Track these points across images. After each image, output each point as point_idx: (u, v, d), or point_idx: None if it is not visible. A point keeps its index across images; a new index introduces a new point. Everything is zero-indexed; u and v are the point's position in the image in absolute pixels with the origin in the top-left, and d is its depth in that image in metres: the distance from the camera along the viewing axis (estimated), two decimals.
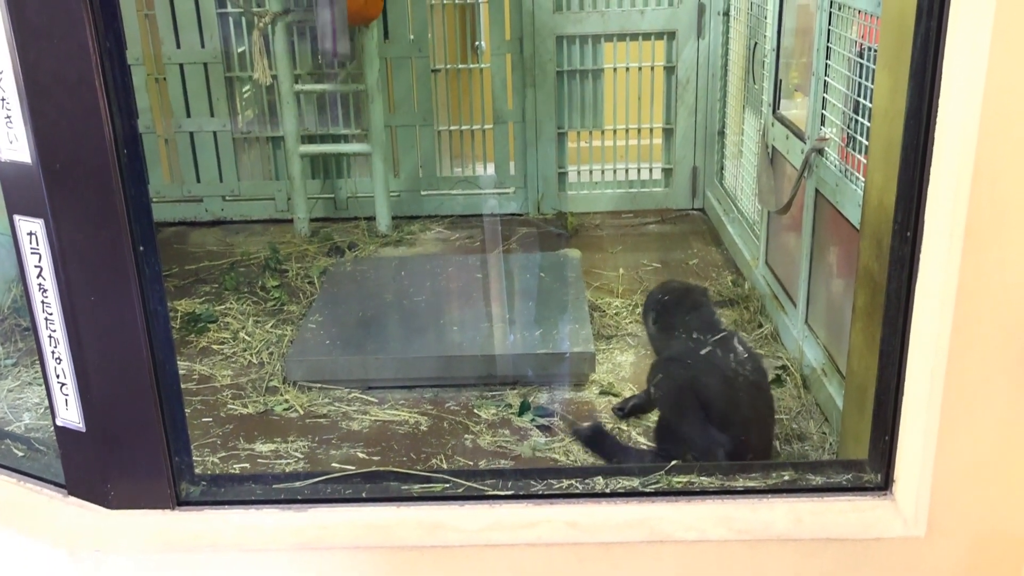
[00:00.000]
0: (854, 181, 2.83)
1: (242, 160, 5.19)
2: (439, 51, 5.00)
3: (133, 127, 1.67)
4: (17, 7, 1.55)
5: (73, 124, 1.61)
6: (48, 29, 1.56)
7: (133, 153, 1.67)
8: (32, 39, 1.57)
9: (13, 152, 1.67)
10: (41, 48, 1.57)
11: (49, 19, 1.55)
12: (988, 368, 1.62)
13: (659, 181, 5.24)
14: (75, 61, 1.57)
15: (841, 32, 2.97)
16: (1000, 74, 1.46)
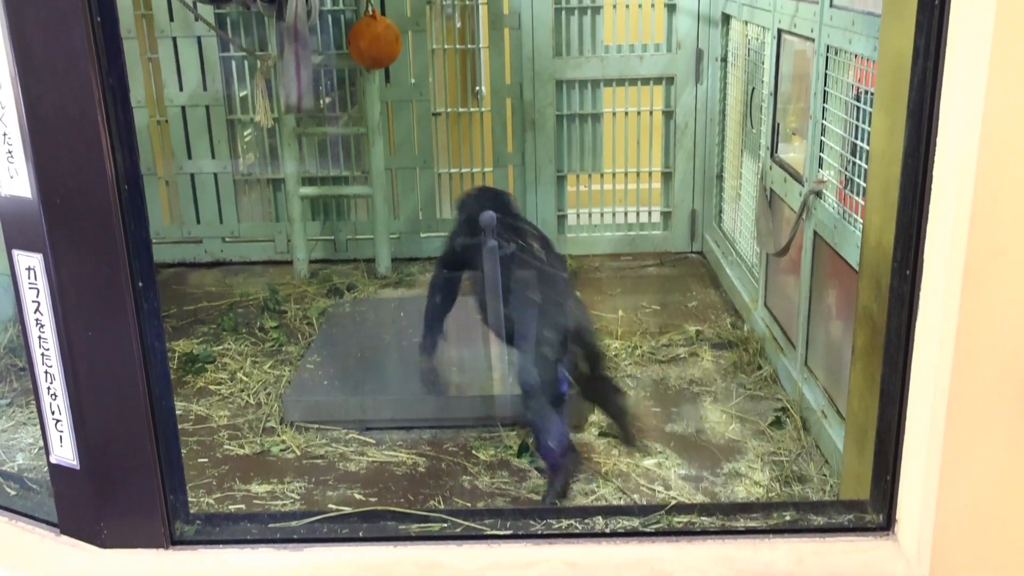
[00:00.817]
0: (852, 223, 2.84)
1: (242, 202, 5.21)
2: (440, 95, 5.05)
3: (134, 163, 1.68)
4: (21, 42, 1.56)
5: (75, 159, 1.62)
6: (51, 64, 1.57)
7: (134, 188, 1.67)
8: (35, 74, 1.58)
9: (14, 187, 1.67)
10: (44, 83, 1.58)
11: (52, 54, 1.56)
12: (989, 407, 1.61)
13: (658, 224, 5.26)
14: (78, 96, 1.58)
15: (838, 76, 3.00)
16: (996, 114, 1.47)
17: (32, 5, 1.55)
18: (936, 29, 1.56)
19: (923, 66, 1.60)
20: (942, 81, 1.57)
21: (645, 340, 4.04)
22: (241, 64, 4.97)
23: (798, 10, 3.36)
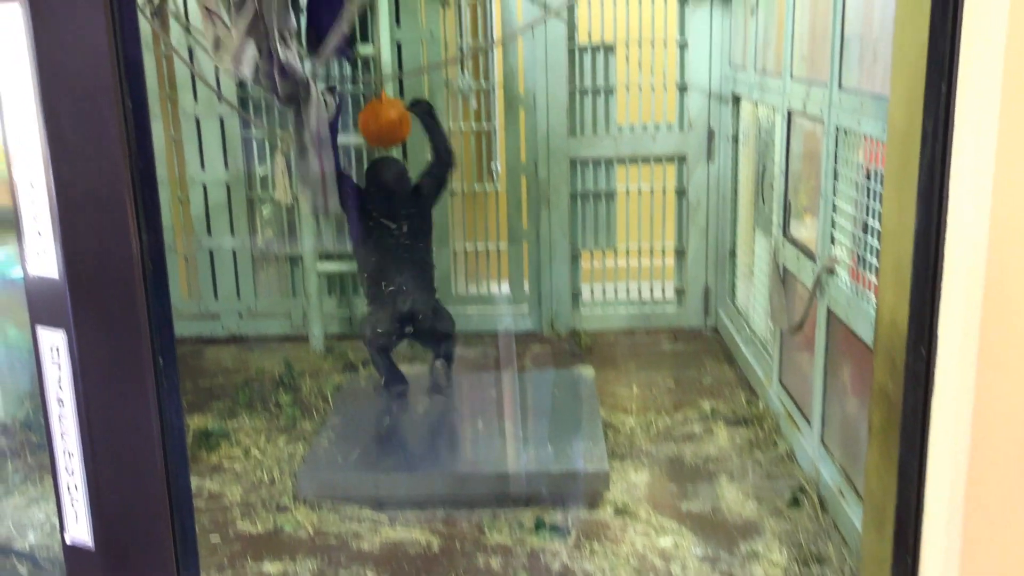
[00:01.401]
0: (866, 300, 2.85)
1: (260, 277, 5.27)
2: (456, 173, 5.13)
3: (159, 242, 1.71)
4: (54, 125, 1.61)
5: (102, 239, 1.66)
6: (83, 147, 1.62)
7: (158, 267, 1.71)
8: (67, 157, 1.63)
9: (40, 266, 1.70)
10: (75, 166, 1.63)
11: (84, 138, 1.61)
12: (1009, 486, 1.60)
13: (672, 300, 5.28)
14: (107, 179, 1.62)
15: (848, 156, 3.04)
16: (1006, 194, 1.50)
17: (66, 90, 1.60)
18: (944, 112, 1.59)
19: (932, 148, 1.63)
20: (951, 163, 1.60)
21: (660, 417, 4.03)
22: (262, 143, 5.08)
23: (808, 92, 3.43)
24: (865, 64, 2.95)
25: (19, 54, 1.57)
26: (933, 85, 1.60)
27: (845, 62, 3.07)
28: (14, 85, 1.60)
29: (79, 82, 1.59)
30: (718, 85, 4.91)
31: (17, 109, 1.61)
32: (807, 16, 3.54)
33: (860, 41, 2.99)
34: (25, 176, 1.64)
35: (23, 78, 1.59)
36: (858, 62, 3.00)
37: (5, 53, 1.57)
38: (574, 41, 4.93)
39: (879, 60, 2.79)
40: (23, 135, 1.62)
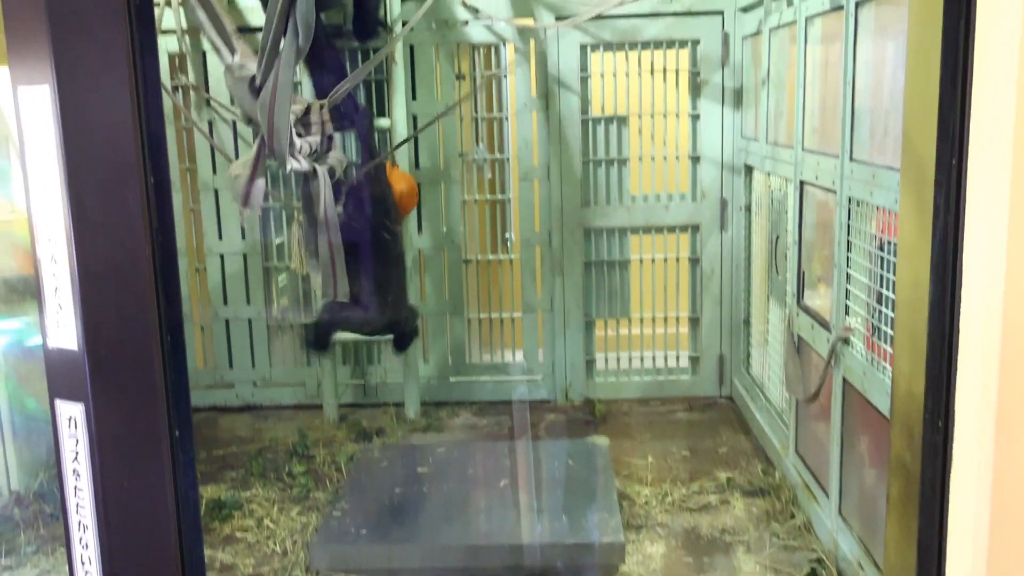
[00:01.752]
0: (881, 370, 2.84)
1: (275, 346, 5.28)
2: (471, 242, 5.18)
3: (177, 314, 1.73)
4: (78, 200, 1.65)
5: (121, 312, 1.68)
6: (105, 222, 1.65)
7: (175, 340, 1.73)
8: (89, 231, 1.66)
9: (60, 338, 1.72)
10: (97, 240, 1.65)
11: (107, 213, 1.65)
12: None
13: (686, 369, 5.26)
14: (129, 252, 1.65)
15: (860, 227, 3.06)
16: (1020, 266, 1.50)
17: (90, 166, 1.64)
18: (955, 186, 1.61)
19: (944, 221, 1.64)
20: (964, 236, 1.61)
21: (675, 487, 3.98)
22: (279, 213, 5.15)
23: (819, 163, 3.46)
24: (876, 137, 2.98)
25: (47, 133, 1.61)
26: (943, 160, 1.62)
27: (856, 135, 3.11)
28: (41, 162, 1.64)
29: (103, 159, 1.63)
30: (730, 156, 4.96)
31: (43, 185, 1.65)
32: (817, 89, 3.59)
33: (870, 114, 3.03)
34: (48, 250, 1.67)
35: (49, 155, 1.63)
36: (869, 135, 3.03)
37: (33, 132, 1.62)
38: (587, 113, 5.01)
39: (889, 133, 2.83)
40: (47, 210, 1.66)
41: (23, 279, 3.70)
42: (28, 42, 1.60)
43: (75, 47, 1.57)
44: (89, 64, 1.58)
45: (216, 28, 2.93)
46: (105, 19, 1.57)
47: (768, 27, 4.23)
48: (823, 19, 3.51)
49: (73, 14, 1.56)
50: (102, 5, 1.56)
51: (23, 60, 1.60)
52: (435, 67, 4.93)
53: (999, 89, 1.51)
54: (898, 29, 2.77)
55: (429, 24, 4.86)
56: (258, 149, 3.06)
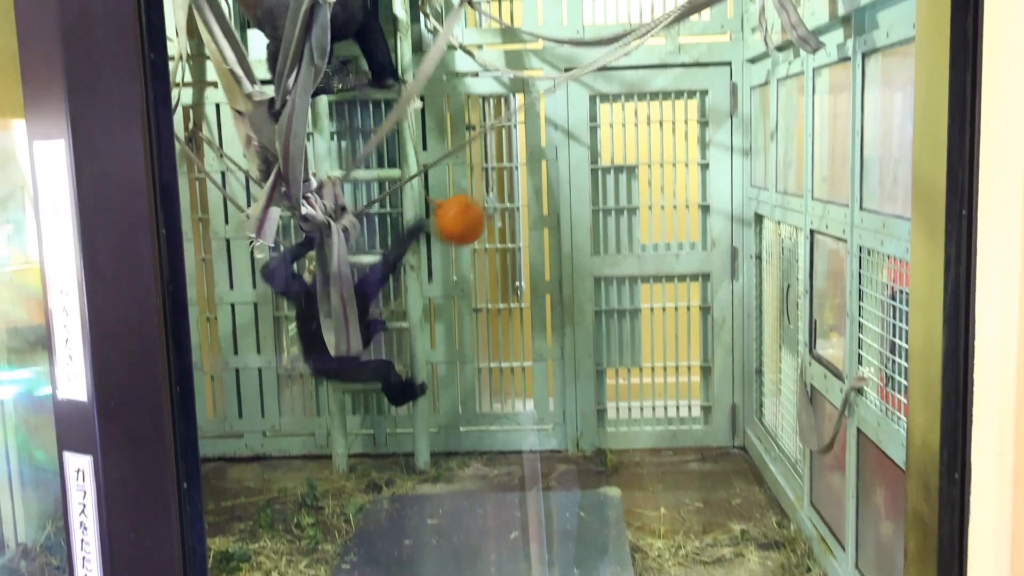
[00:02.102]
0: (896, 421, 2.81)
1: (284, 396, 5.27)
2: (481, 291, 5.18)
3: (187, 365, 1.73)
4: (90, 253, 1.66)
5: (131, 363, 1.68)
6: (117, 274, 1.66)
7: (185, 391, 1.72)
8: (101, 284, 1.66)
9: (70, 390, 1.72)
10: (109, 292, 1.66)
11: (119, 265, 1.65)
12: None
13: (698, 418, 5.22)
14: (139, 304, 1.66)
15: (872, 276, 3.05)
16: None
17: (103, 219, 1.65)
18: (966, 237, 1.60)
19: (955, 272, 1.63)
20: (975, 286, 1.60)
21: (688, 539, 3.93)
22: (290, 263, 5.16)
23: (829, 212, 3.47)
24: (886, 186, 2.99)
25: (61, 185, 1.62)
26: (953, 210, 1.62)
27: (865, 184, 3.12)
28: (54, 214, 1.65)
29: (116, 211, 1.65)
30: (740, 204, 4.97)
31: (56, 237, 1.66)
32: (826, 138, 3.61)
33: (880, 163, 3.04)
34: (60, 302, 1.67)
35: (63, 207, 1.64)
36: (878, 184, 3.04)
37: (48, 185, 1.63)
38: (597, 163, 5.04)
39: (899, 183, 2.83)
40: (60, 262, 1.67)
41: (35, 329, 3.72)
42: (45, 97, 1.62)
43: (90, 102, 1.59)
44: (104, 118, 1.60)
45: (238, 58, 2.98)
46: (120, 74, 1.59)
47: (776, 78, 4.26)
48: (830, 70, 3.54)
49: (89, 70, 1.59)
50: (118, 61, 1.59)
51: (40, 115, 1.63)
52: (445, 118, 4.97)
53: (1007, 140, 1.52)
54: (905, 79, 2.78)
55: (439, 76, 4.91)
56: (273, 180, 3.09)
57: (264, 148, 3.12)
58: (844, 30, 3.29)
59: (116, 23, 1.58)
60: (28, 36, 1.62)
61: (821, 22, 3.46)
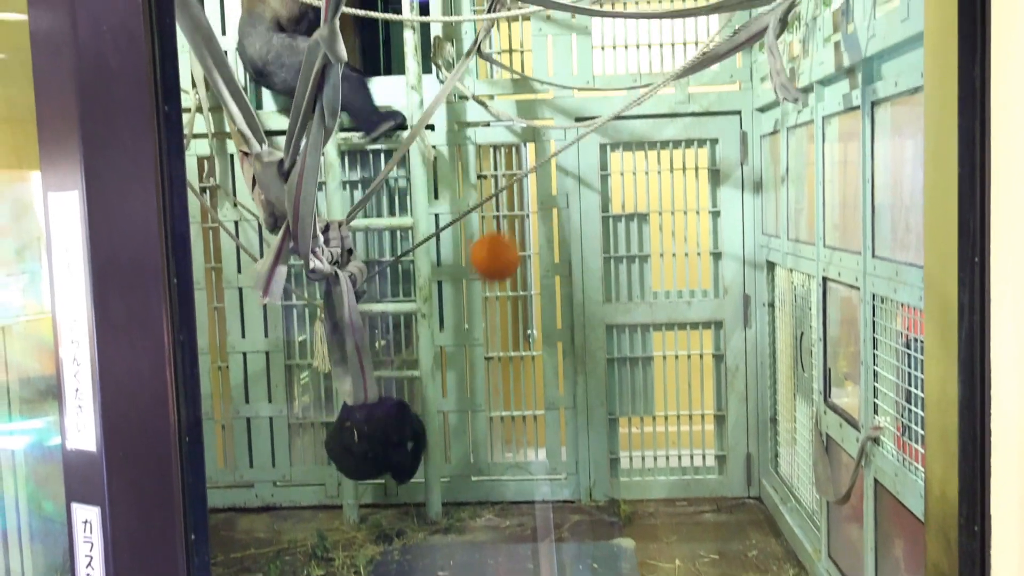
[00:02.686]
0: (913, 471, 2.77)
1: (295, 445, 5.25)
2: (492, 339, 5.17)
3: (197, 416, 1.73)
4: (102, 304, 1.66)
5: (141, 413, 1.67)
6: (128, 324, 1.66)
7: (194, 441, 1.71)
8: (112, 332, 1.67)
9: (79, 440, 1.72)
10: (120, 341, 1.66)
11: (130, 315, 1.66)
12: None
13: (712, 468, 5.16)
14: (149, 355, 1.66)
15: (886, 324, 3.03)
16: None
17: (115, 269, 1.66)
18: (980, 284, 1.59)
19: (969, 320, 1.62)
20: (990, 334, 1.58)
21: None
22: (302, 311, 5.18)
23: (841, 259, 3.46)
24: (898, 233, 2.98)
25: (74, 236, 1.63)
26: (965, 257, 1.61)
27: (877, 231, 3.11)
28: (67, 264, 1.66)
29: (128, 261, 1.65)
30: (752, 252, 4.97)
31: (68, 287, 1.67)
32: (837, 186, 3.61)
33: (891, 210, 3.04)
34: (70, 352, 1.68)
35: (76, 258, 1.65)
36: (890, 231, 3.03)
37: (61, 236, 1.64)
38: (608, 210, 5.05)
39: (912, 230, 2.82)
40: (72, 312, 1.67)
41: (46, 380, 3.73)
42: (60, 149, 1.64)
43: (105, 154, 1.61)
44: (118, 170, 1.62)
45: (246, 118, 3.02)
46: (135, 127, 1.61)
47: (785, 126, 4.28)
48: (840, 119, 3.55)
49: (104, 122, 1.60)
50: (132, 114, 1.61)
51: (55, 167, 1.64)
52: (456, 167, 5.01)
53: (1017, 187, 1.51)
54: (915, 128, 2.79)
55: (451, 126, 4.96)
56: (282, 237, 3.11)
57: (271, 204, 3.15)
58: (851, 80, 3.31)
59: (131, 77, 1.60)
60: (45, 89, 1.65)
61: (828, 72, 3.48)
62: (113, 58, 1.58)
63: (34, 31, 1.62)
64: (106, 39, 1.57)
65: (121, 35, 1.57)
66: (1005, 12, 1.56)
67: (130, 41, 1.57)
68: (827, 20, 3.52)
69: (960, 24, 1.63)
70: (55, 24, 1.59)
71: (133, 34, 1.57)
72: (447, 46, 4.82)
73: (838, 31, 3.37)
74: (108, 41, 1.57)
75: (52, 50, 1.61)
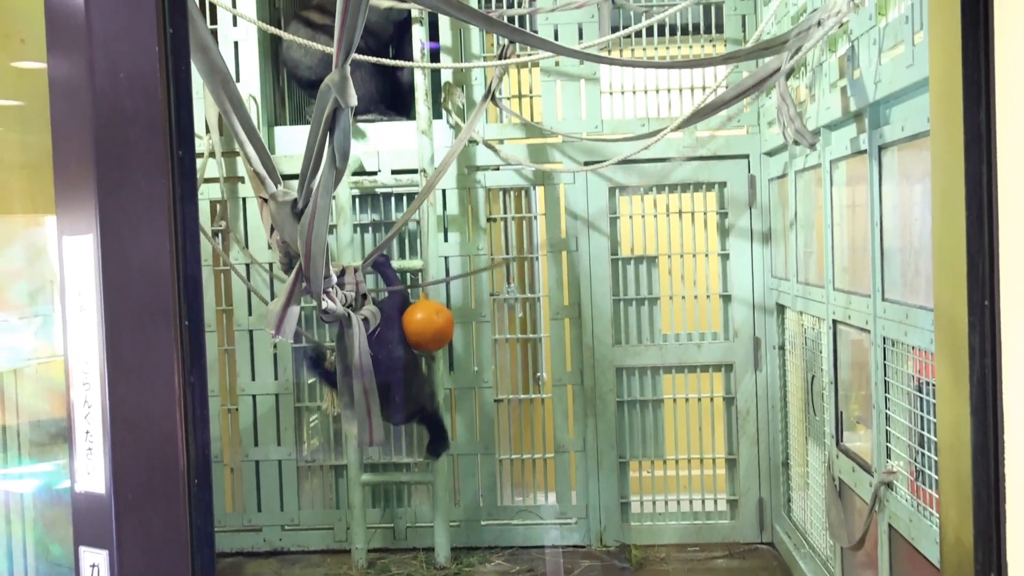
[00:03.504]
0: (928, 516, 2.74)
1: (304, 488, 5.22)
2: (502, 382, 5.16)
3: (206, 458, 1.73)
4: (113, 345, 1.67)
5: (150, 456, 1.67)
6: (139, 367, 1.67)
7: (203, 484, 1.71)
8: (123, 375, 1.67)
9: (89, 483, 1.72)
10: (130, 384, 1.67)
11: (141, 357, 1.67)
12: None
13: (724, 513, 5.11)
14: (160, 396, 1.66)
15: (897, 367, 3.01)
16: None
17: (128, 311, 1.67)
18: (990, 329, 1.59)
19: (980, 363, 1.61)
20: (1002, 378, 1.58)
21: None
22: (312, 354, 5.17)
23: (851, 302, 3.45)
24: (907, 276, 2.98)
25: (87, 279, 1.65)
26: (975, 301, 1.61)
27: (887, 274, 3.11)
28: (80, 308, 1.67)
29: (140, 304, 1.67)
30: (761, 295, 4.97)
31: (80, 330, 1.68)
32: (845, 229, 3.62)
33: (900, 254, 3.04)
34: (81, 394, 1.68)
35: (89, 301, 1.66)
36: (900, 274, 3.03)
37: (75, 279, 1.66)
38: (617, 253, 5.06)
39: (921, 273, 2.82)
40: (83, 354, 1.68)
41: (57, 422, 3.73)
42: (75, 193, 1.66)
43: (119, 198, 1.63)
44: (132, 214, 1.64)
45: (262, 159, 3.07)
46: (149, 171, 1.63)
47: (793, 170, 4.30)
48: (847, 162, 3.57)
49: (119, 166, 1.63)
50: (147, 158, 1.63)
51: (70, 211, 1.66)
52: (467, 210, 5.04)
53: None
54: (923, 171, 2.80)
55: (461, 169, 5.00)
56: (295, 277, 3.13)
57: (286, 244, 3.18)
58: (858, 124, 3.33)
59: (147, 122, 1.63)
60: (62, 134, 1.67)
61: (835, 117, 3.51)
62: (129, 103, 1.60)
63: (53, 77, 1.65)
64: (123, 85, 1.60)
65: (137, 81, 1.59)
66: (1009, 58, 1.58)
67: (146, 87, 1.60)
68: (833, 66, 3.55)
69: (964, 70, 1.65)
70: (73, 70, 1.62)
71: (149, 80, 1.59)
72: (458, 91, 4.88)
73: (844, 76, 3.40)
74: (125, 87, 1.60)
75: (70, 95, 1.64)
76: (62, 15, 1.62)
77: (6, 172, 3.67)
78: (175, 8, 1.59)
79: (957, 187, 1.66)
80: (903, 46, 2.83)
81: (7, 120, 3.47)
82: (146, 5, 1.57)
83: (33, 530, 3.66)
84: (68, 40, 1.62)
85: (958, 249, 1.66)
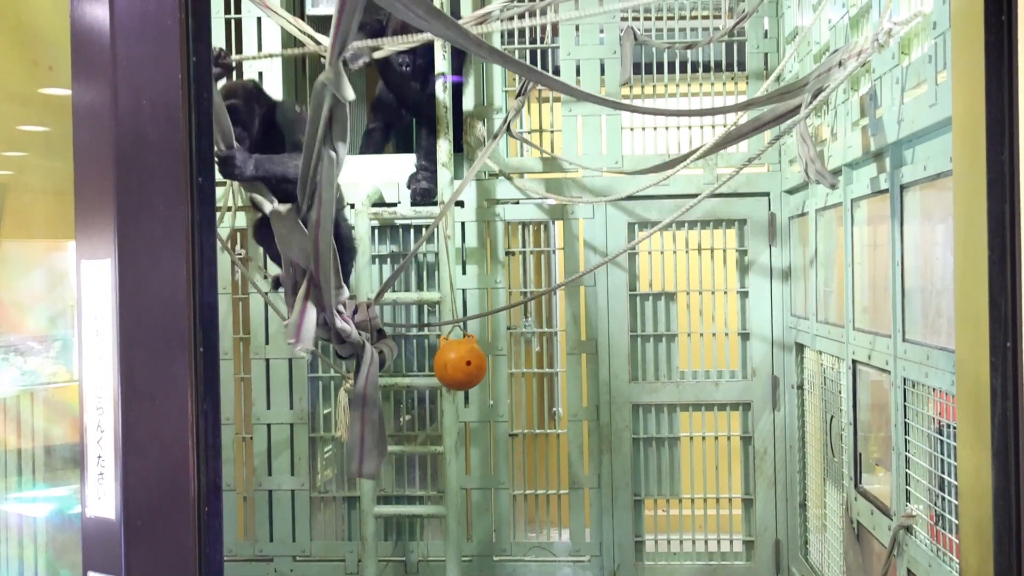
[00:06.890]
0: (948, 562, 2.69)
1: (316, 519, 5.19)
2: (517, 416, 5.13)
3: (217, 485, 1.72)
4: (128, 371, 1.68)
5: (161, 481, 1.67)
6: (152, 392, 1.67)
7: (213, 510, 1.70)
8: (137, 400, 1.68)
9: (99, 508, 1.71)
10: (144, 409, 1.67)
11: (155, 383, 1.67)
12: None
13: (740, 554, 5.04)
14: (173, 422, 1.66)
15: (917, 409, 2.98)
16: None
17: (143, 337, 1.68)
18: (1012, 370, 1.57)
19: (1003, 407, 1.59)
20: (1023, 420, 1.55)
21: None
22: (328, 384, 5.18)
23: (871, 343, 3.42)
24: (928, 317, 2.95)
25: (104, 304, 1.66)
26: (997, 343, 1.59)
27: (908, 315, 3.08)
28: (96, 332, 1.68)
29: (156, 329, 1.67)
30: (780, 333, 4.93)
31: (96, 354, 1.68)
32: (866, 268, 3.60)
33: (922, 294, 3.01)
34: (95, 419, 1.68)
35: (105, 325, 1.67)
36: (921, 315, 3.00)
37: (92, 303, 1.67)
38: (635, 289, 5.05)
39: (943, 314, 2.79)
40: (98, 379, 1.69)
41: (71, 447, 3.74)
42: (95, 219, 1.67)
43: (138, 224, 1.64)
44: (150, 239, 1.65)
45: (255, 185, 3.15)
46: (168, 198, 1.64)
47: (814, 208, 4.29)
48: (868, 201, 3.55)
49: (139, 193, 1.64)
50: (167, 185, 1.64)
51: (89, 236, 1.68)
52: (485, 243, 5.04)
53: None
54: (945, 211, 2.78)
55: (480, 202, 5.01)
56: (307, 285, 3.14)
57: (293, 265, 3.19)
58: (879, 164, 3.32)
59: (167, 148, 1.64)
60: (84, 159, 1.69)
61: (856, 156, 3.50)
62: (151, 130, 1.62)
63: (76, 102, 1.67)
64: (145, 112, 1.61)
65: (159, 108, 1.61)
66: None
67: (168, 114, 1.61)
68: (854, 104, 3.55)
69: (988, 110, 1.64)
70: (97, 96, 1.64)
71: (171, 107, 1.61)
72: (479, 125, 4.90)
73: (866, 115, 3.39)
74: (147, 113, 1.61)
75: (93, 122, 1.66)
76: (87, 42, 1.64)
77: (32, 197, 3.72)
78: (198, 36, 1.61)
79: (980, 227, 1.64)
80: (926, 85, 2.82)
81: (35, 146, 3.52)
82: (170, 33, 1.59)
83: (44, 554, 3.65)
84: (93, 67, 1.64)
85: (980, 290, 1.64)
